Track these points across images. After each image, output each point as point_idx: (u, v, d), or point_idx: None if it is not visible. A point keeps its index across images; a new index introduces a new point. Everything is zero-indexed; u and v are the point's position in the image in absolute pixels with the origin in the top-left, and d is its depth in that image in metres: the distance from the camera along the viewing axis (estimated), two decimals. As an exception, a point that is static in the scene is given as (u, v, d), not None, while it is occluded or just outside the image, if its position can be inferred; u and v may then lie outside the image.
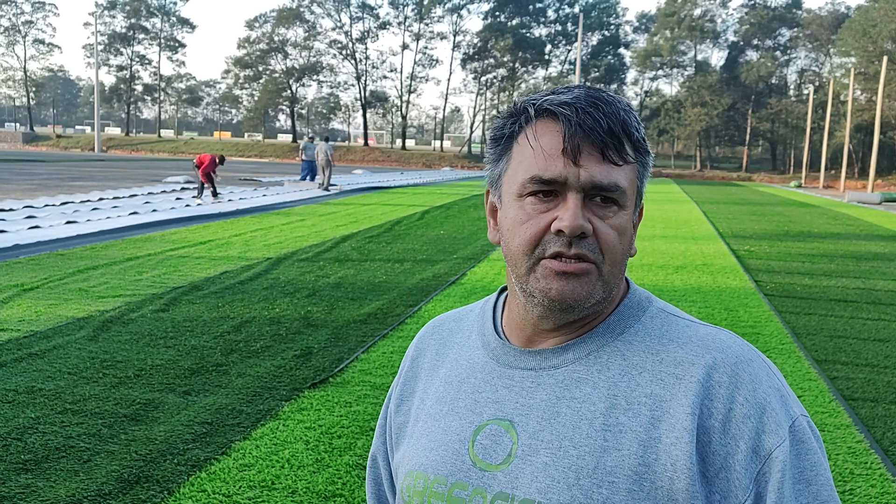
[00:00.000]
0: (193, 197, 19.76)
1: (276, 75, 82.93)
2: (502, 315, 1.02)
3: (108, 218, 14.77)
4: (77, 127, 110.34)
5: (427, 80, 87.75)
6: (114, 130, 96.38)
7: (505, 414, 0.92)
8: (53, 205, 17.17)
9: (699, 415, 0.85)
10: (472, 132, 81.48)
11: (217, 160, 19.32)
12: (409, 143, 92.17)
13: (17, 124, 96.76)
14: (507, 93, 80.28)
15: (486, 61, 78.97)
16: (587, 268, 0.88)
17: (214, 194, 19.60)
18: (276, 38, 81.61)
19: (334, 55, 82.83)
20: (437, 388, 1.01)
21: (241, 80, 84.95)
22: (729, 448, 0.85)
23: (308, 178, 28.78)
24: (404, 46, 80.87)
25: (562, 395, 0.90)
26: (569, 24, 79.74)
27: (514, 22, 79.27)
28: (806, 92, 72.36)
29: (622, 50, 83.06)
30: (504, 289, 1.05)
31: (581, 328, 0.94)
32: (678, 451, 0.84)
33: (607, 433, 0.87)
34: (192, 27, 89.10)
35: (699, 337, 0.92)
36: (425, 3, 77.48)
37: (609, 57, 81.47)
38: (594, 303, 0.90)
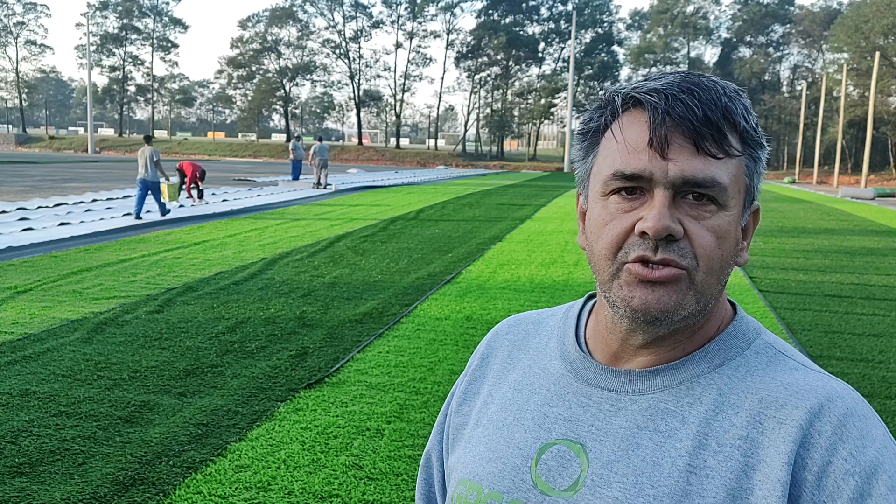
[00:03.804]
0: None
1: (270, 75, 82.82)
2: (587, 325, 0.92)
3: (101, 219, 14.73)
4: (70, 128, 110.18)
5: (421, 78, 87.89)
6: (107, 131, 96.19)
7: (577, 436, 0.83)
8: (46, 206, 17.12)
9: (793, 464, 0.74)
10: (466, 130, 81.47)
11: (198, 174, 19.56)
12: (404, 141, 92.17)
13: (10, 126, 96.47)
14: (500, 91, 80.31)
15: (480, 59, 78.97)
16: (676, 274, 0.77)
17: (200, 196, 19.62)
18: (269, 38, 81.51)
19: (328, 54, 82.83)
20: (504, 394, 0.93)
21: (234, 80, 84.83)
22: None
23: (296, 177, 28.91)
24: (398, 45, 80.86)
25: (644, 426, 0.80)
26: (562, 22, 79.79)
27: (507, 20, 79.28)
28: (799, 88, 72.59)
29: (615, 47, 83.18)
30: (592, 295, 0.96)
31: (674, 348, 0.83)
32: None
33: (692, 475, 0.76)
34: (185, 27, 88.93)
35: (808, 382, 0.79)
36: (418, 1, 77.43)
37: (602, 54, 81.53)
38: (685, 315, 0.79)
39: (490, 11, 79.28)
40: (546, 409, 0.87)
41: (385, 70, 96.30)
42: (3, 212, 15.51)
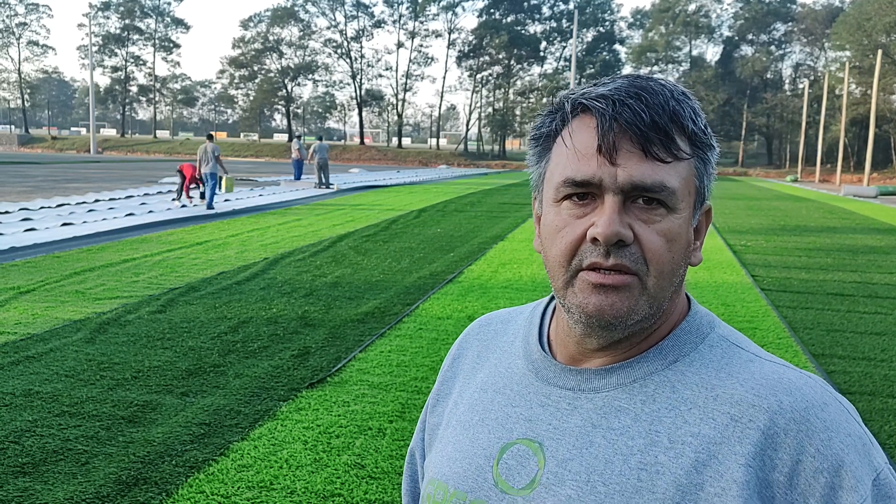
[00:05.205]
0: (173, 199, 19.80)
1: (272, 75, 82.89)
2: (550, 324, 0.94)
3: (104, 219, 14.75)
4: (72, 128, 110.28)
5: (422, 78, 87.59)
6: (109, 132, 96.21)
7: (536, 435, 0.85)
8: (49, 207, 17.14)
9: (759, 467, 0.75)
10: (467, 130, 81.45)
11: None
12: (405, 141, 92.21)
13: (12, 126, 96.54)
14: (502, 90, 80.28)
15: (482, 59, 78.95)
16: (627, 280, 0.79)
17: (202, 196, 19.68)
18: (270, 38, 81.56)
19: (329, 54, 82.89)
20: (472, 395, 0.95)
21: (236, 80, 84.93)
22: None
23: (297, 176, 28.98)
24: (399, 45, 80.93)
25: (598, 424, 0.82)
26: (563, 21, 79.75)
27: (508, 19, 79.25)
28: (801, 86, 72.48)
29: (617, 46, 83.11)
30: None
31: (630, 349, 0.85)
32: None
33: (642, 472, 0.78)
34: (187, 27, 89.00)
35: (763, 375, 0.81)
36: (420, 1, 77.42)
37: (604, 53, 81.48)
38: (638, 319, 0.81)
39: (492, 10, 79.24)
40: (509, 409, 0.89)
41: (387, 69, 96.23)
42: (6, 212, 15.53)
